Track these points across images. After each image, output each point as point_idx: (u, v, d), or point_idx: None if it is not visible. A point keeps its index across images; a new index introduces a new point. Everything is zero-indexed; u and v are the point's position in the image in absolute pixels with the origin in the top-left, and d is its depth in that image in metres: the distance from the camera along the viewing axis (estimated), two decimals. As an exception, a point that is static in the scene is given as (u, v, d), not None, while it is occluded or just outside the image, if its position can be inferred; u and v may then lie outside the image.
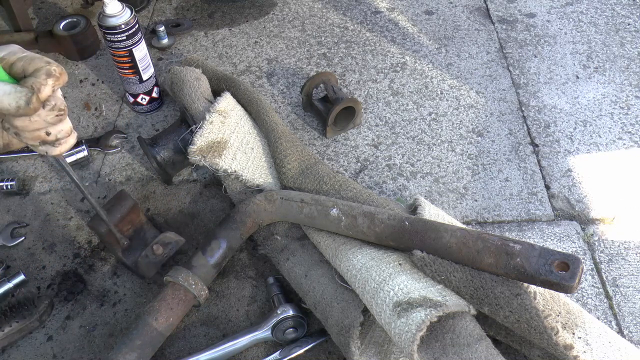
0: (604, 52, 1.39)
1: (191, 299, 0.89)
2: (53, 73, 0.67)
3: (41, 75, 0.66)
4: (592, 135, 1.21)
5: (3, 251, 1.06)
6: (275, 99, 1.32)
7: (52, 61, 0.68)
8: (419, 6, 1.56)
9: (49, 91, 0.67)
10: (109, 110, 1.33)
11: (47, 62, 0.67)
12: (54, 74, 0.67)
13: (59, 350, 0.93)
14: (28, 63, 0.67)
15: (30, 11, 1.61)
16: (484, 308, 0.78)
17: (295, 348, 0.89)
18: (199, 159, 1.03)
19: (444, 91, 1.32)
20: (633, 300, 0.94)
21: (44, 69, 0.67)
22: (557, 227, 1.05)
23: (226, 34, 1.51)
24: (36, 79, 0.66)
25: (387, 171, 1.16)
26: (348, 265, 0.86)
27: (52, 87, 0.67)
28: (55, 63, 0.68)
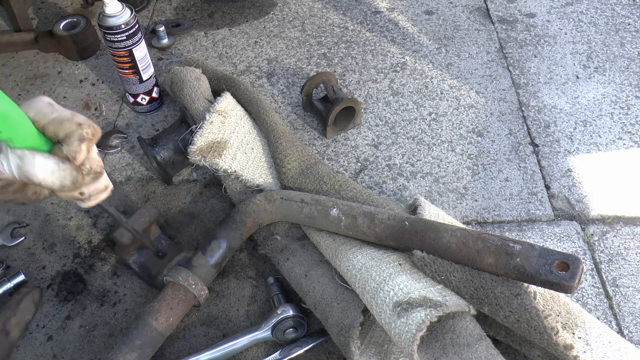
0: (604, 52, 1.39)
1: (191, 299, 0.89)
2: (86, 137, 0.63)
3: (74, 142, 0.63)
4: (592, 135, 1.21)
5: (3, 251, 1.06)
6: (275, 99, 1.32)
7: (82, 120, 0.64)
8: (419, 6, 1.56)
9: (84, 156, 0.64)
10: (109, 110, 1.33)
11: (77, 124, 0.63)
12: (86, 137, 0.63)
13: (59, 350, 0.93)
14: (59, 127, 0.62)
15: (30, 11, 1.61)
16: (484, 308, 0.78)
17: (295, 348, 0.89)
18: (199, 159, 1.03)
19: (444, 91, 1.32)
20: (633, 300, 0.94)
21: (76, 133, 0.63)
22: (557, 227, 1.05)
23: (226, 34, 1.51)
24: (69, 147, 0.62)
25: (387, 171, 1.16)
26: (348, 265, 0.86)
27: (86, 151, 0.64)
28: (86, 122, 0.64)
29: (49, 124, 0.62)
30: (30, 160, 0.61)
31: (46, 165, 0.62)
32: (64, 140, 0.63)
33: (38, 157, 0.61)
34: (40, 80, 1.41)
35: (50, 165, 0.62)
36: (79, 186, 0.66)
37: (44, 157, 0.62)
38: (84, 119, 0.64)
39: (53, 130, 0.62)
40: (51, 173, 0.62)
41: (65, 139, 0.63)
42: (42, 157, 0.62)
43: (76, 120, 0.63)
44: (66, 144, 0.63)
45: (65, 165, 0.63)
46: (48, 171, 0.62)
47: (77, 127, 0.63)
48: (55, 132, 0.62)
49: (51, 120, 0.62)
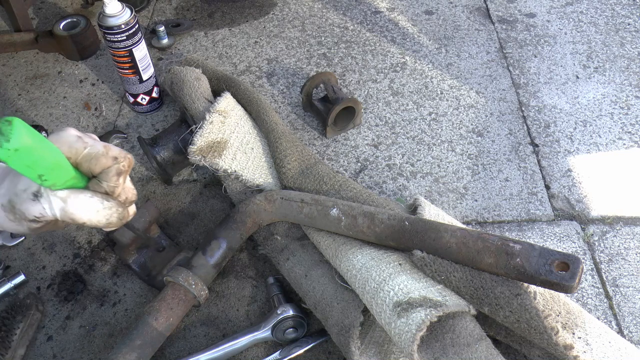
0: (604, 52, 1.39)
1: (191, 299, 0.89)
2: (122, 170, 0.62)
3: (112, 177, 0.61)
4: (592, 135, 1.21)
5: (3, 251, 1.06)
6: (275, 99, 1.32)
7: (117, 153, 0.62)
8: (419, 6, 1.56)
9: (121, 189, 0.63)
10: (109, 110, 1.33)
11: (113, 158, 0.61)
12: (123, 170, 0.62)
13: (59, 350, 0.93)
14: (95, 164, 0.60)
15: (30, 11, 1.61)
16: (484, 308, 0.78)
17: (295, 348, 0.89)
18: (199, 159, 1.03)
19: (444, 91, 1.32)
20: (633, 300, 0.94)
21: (113, 169, 0.61)
22: (557, 227, 1.05)
23: (226, 34, 1.51)
24: (108, 182, 0.61)
25: (387, 171, 1.16)
26: (348, 265, 0.86)
27: (123, 184, 0.63)
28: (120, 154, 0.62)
29: (83, 160, 0.60)
30: (74, 203, 0.59)
31: (90, 205, 0.60)
32: (101, 176, 0.61)
33: (81, 197, 0.60)
34: (40, 80, 1.41)
35: (95, 205, 0.61)
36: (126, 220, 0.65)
37: (86, 196, 0.60)
38: (118, 151, 0.62)
39: (88, 167, 0.60)
40: (96, 212, 0.61)
41: (102, 175, 0.61)
42: (86, 197, 0.60)
43: (111, 155, 0.61)
44: (104, 180, 0.61)
45: (110, 203, 0.62)
46: (93, 211, 0.61)
47: (114, 162, 0.61)
48: (91, 168, 0.61)
49: (85, 156, 0.60)
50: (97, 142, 0.61)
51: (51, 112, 1.33)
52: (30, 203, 0.59)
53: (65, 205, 0.59)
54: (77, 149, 0.59)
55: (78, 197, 0.60)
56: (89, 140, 0.61)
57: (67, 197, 0.59)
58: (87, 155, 0.60)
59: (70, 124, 1.30)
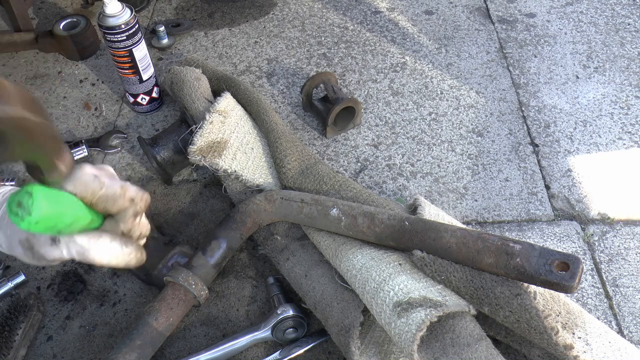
0: (604, 52, 1.39)
1: (191, 299, 0.89)
2: (139, 211, 0.62)
3: (129, 219, 0.61)
4: (592, 135, 1.21)
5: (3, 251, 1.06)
6: (275, 99, 1.32)
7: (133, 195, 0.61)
8: (419, 6, 1.56)
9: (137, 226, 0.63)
10: (109, 110, 1.33)
11: (130, 199, 0.60)
12: (140, 211, 0.62)
13: (59, 350, 0.93)
14: (112, 205, 0.60)
15: (30, 11, 1.61)
16: (484, 308, 0.78)
17: (295, 348, 0.89)
18: (199, 159, 1.03)
19: (444, 91, 1.32)
20: (633, 300, 0.94)
21: (130, 210, 0.61)
22: (557, 227, 1.05)
23: (226, 34, 1.51)
24: (125, 224, 0.61)
25: (387, 171, 1.16)
26: (348, 265, 0.86)
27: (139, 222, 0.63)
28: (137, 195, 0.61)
29: (99, 202, 0.59)
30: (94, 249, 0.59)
31: (111, 250, 0.60)
32: (118, 217, 0.61)
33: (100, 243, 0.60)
34: (40, 80, 1.41)
35: (115, 251, 0.61)
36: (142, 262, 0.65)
37: (106, 241, 0.60)
38: (135, 192, 0.61)
39: (105, 207, 0.60)
40: (116, 257, 0.61)
41: (119, 216, 0.61)
42: (105, 243, 0.60)
43: (128, 196, 0.61)
44: (121, 221, 0.61)
45: (129, 248, 0.62)
46: (113, 256, 0.61)
47: (131, 204, 0.61)
48: (107, 209, 0.60)
49: (102, 198, 0.59)
50: (114, 182, 0.61)
51: (51, 112, 1.33)
52: (48, 247, 0.59)
53: (84, 251, 0.59)
54: (94, 189, 0.59)
55: (97, 242, 0.60)
56: (106, 180, 0.60)
57: (87, 243, 0.59)
58: (103, 196, 0.59)
59: (70, 124, 1.30)
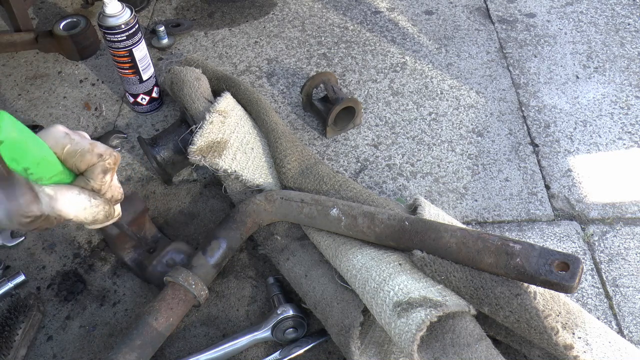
0: (604, 52, 1.39)
1: (191, 299, 0.89)
2: (108, 168, 0.62)
3: (97, 175, 0.61)
4: (592, 135, 1.21)
5: (3, 251, 1.06)
6: (275, 99, 1.32)
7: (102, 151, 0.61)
8: (419, 6, 1.56)
9: (108, 187, 0.63)
10: (109, 110, 1.33)
11: (99, 155, 0.61)
12: (109, 168, 0.62)
13: (59, 350, 0.93)
14: (80, 160, 0.60)
15: (30, 11, 1.61)
16: (484, 308, 0.78)
17: (295, 348, 0.89)
18: (199, 159, 1.03)
19: (444, 91, 1.32)
20: (633, 300, 0.94)
21: (99, 166, 0.61)
22: (557, 227, 1.05)
23: (226, 34, 1.51)
24: (94, 180, 0.61)
25: (387, 171, 1.16)
26: (348, 265, 0.86)
27: (110, 181, 0.63)
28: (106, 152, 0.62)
29: (68, 156, 0.60)
30: (62, 199, 0.59)
31: (78, 202, 0.60)
32: (87, 173, 0.61)
33: (69, 194, 0.60)
34: (40, 80, 1.41)
35: (83, 202, 0.61)
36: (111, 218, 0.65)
37: (74, 193, 0.60)
38: (104, 148, 0.62)
39: (73, 163, 0.61)
40: (83, 210, 0.61)
41: (88, 172, 0.61)
42: (73, 194, 0.60)
43: (96, 152, 0.61)
44: (90, 178, 0.61)
45: (97, 201, 0.62)
46: (80, 208, 0.61)
47: (99, 159, 0.61)
48: (76, 165, 0.61)
49: (71, 152, 0.60)
50: (84, 140, 0.61)
51: (51, 112, 1.33)
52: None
53: (52, 202, 0.59)
54: (63, 144, 0.60)
55: (65, 193, 0.60)
56: (76, 137, 0.61)
57: (55, 193, 0.59)
58: (72, 151, 0.60)
59: (70, 124, 1.30)
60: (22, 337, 0.91)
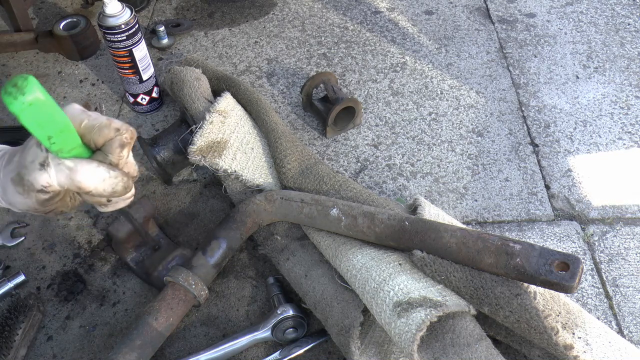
0: (604, 52, 1.39)
1: (191, 299, 0.89)
2: (125, 142, 0.62)
3: (115, 149, 0.62)
4: (592, 135, 1.21)
5: (3, 251, 1.06)
6: (275, 99, 1.32)
7: (119, 125, 0.62)
8: (419, 6, 1.56)
9: (125, 161, 0.64)
10: (109, 110, 1.33)
11: (116, 129, 0.62)
12: (126, 142, 0.62)
13: (59, 350, 0.93)
14: (98, 134, 0.61)
15: (30, 11, 1.61)
16: (484, 308, 0.78)
17: (295, 348, 0.89)
18: (199, 159, 1.03)
19: (444, 91, 1.32)
20: (633, 300, 0.94)
21: (116, 140, 0.61)
22: (557, 227, 1.05)
23: (226, 34, 1.51)
24: (112, 154, 0.62)
25: (387, 171, 1.16)
26: (348, 265, 0.86)
27: (127, 156, 0.64)
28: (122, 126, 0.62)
29: (86, 131, 0.61)
30: (81, 171, 0.60)
31: (97, 174, 0.61)
32: (104, 148, 0.62)
33: (88, 166, 0.60)
34: (40, 80, 1.41)
35: (102, 174, 0.61)
36: (129, 190, 0.65)
37: (93, 165, 0.61)
38: (120, 124, 0.62)
39: (91, 137, 0.61)
40: (102, 181, 0.61)
41: (105, 147, 0.62)
42: (92, 166, 0.61)
43: (114, 126, 0.62)
44: (107, 152, 0.62)
45: (116, 172, 0.62)
46: (100, 180, 0.61)
47: (117, 133, 0.62)
48: (94, 140, 0.61)
49: (89, 127, 0.61)
50: (101, 116, 0.62)
51: (51, 112, 1.33)
52: (37, 172, 0.60)
53: (72, 173, 0.60)
54: (81, 119, 0.61)
55: (85, 165, 0.60)
56: (93, 113, 0.62)
57: (74, 165, 0.60)
58: (90, 126, 0.61)
59: (70, 124, 1.30)
60: (22, 337, 0.91)
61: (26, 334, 0.92)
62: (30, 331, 0.93)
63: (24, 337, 0.91)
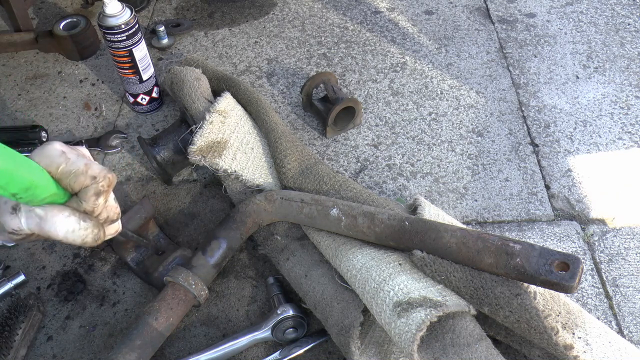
0: (604, 52, 1.39)
1: (191, 299, 0.89)
2: (102, 190, 0.61)
3: (90, 197, 0.60)
4: (592, 135, 1.21)
5: (3, 251, 1.06)
6: (275, 99, 1.32)
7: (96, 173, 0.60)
8: (419, 6, 1.56)
9: (101, 209, 0.63)
10: (109, 110, 1.33)
11: (92, 177, 0.60)
12: (102, 190, 0.61)
13: (59, 350, 0.93)
14: (73, 181, 0.60)
15: (30, 11, 1.61)
16: (484, 308, 0.78)
17: (295, 348, 0.89)
18: (199, 159, 1.03)
19: (444, 91, 1.32)
20: (633, 300, 0.94)
21: (91, 188, 0.60)
22: (557, 227, 1.05)
23: (226, 34, 1.51)
24: (87, 203, 0.61)
25: (387, 171, 1.16)
26: (348, 265, 0.86)
27: (103, 203, 0.62)
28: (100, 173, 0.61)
29: (63, 176, 0.60)
30: (51, 221, 0.59)
31: (67, 224, 0.60)
32: (80, 195, 0.61)
33: (58, 216, 0.59)
34: (40, 80, 1.41)
35: (72, 225, 0.60)
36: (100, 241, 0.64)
37: (64, 216, 0.60)
38: (99, 170, 0.61)
39: (67, 183, 0.60)
40: (72, 232, 0.61)
41: (81, 194, 0.61)
42: (63, 217, 0.60)
43: (90, 174, 0.60)
44: (83, 199, 0.61)
45: (87, 223, 0.61)
46: (69, 231, 0.60)
47: (92, 181, 0.60)
48: (70, 185, 0.60)
49: (65, 173, 0.59)
50: (80, 159, 0.60)
51: (51, 112, 1.33)
52: (8, 216, 0.59)
53: (42, 222, 0.59)
54: (58, 164, 0.59)
55: (55, 216, 0.59)
56: (72, 156, 0.60)
57: (45, 214, 0.59)
58: (66, 171, 0.59)
59: (70, 124, 1.30)
60: (22, 337, 0.91)
61: (26, 334, 0.92)
62: (30, 331, 0.93)
63: (24, 337, 0.91)
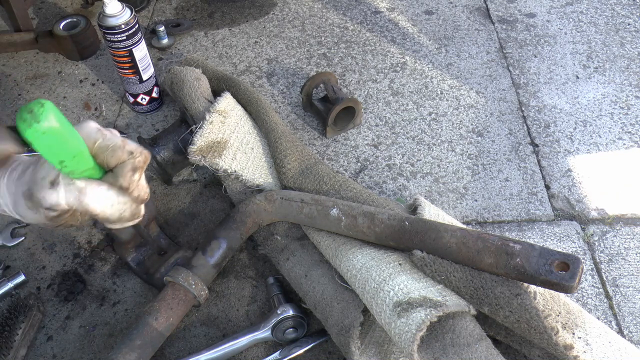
0: (604, 52, 1.39)
1: (191, 299, 0.89)
2: (138, 166, 0.61)
3: (127, 173, 0.61)
4: (592, 135, 1.21)
5: (3, 251, 1.06)
6: (275, 99, 1.32)
7: (133, 148, 0.61)
8: (419, 6, 1.56)
9: (135, 186, 0.63)
10: (109, 110, 1.33)
11: (129, 152, 0.61)
12: (138, 166, 0.61)
13: (59, 350, 0.93)
14: (110, 156, 0.60)
15: (30, 11, 1.61)
16: (484, 308, 0.78)
17: (295, 348, 0.89)
18: (199, 159, 1.03)
19: (444, 91, 1.32)
20: (633, 300, 0.94)
21: (129, 163, 0.61)
22: (557, 227, 1.05)
23: (226, 34, 1.51)
24: (123, 178, 0.61)
25: (387, 171, 1.16)
26: (348, 265, 0.86)
27: (138, 180, 0.63)
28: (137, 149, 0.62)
29: (100, 151, 0.60)
30: (90, 193, 0.59)
31: (106, 198, 0.60)
32: (116, 170, 0.61)
33: (98, 189, 0.60)
34: (40, 80, 1.41)
35: (111, 198, 0.61)
36: (137, 217, 0.64)
37: (103, 188, 0.60)
38: (135, 146, 0.62)
39: (104, 158, 0.60)
40: (111, 206, 0.61)
41: (117, 169, 0.61)
42: (102, 189, 0.60)
43: (127, 149, 0.61)
44: (119, 174, 0.61)
45: (125, 198, 0.61)
46: (108, 204, 0.61)
47: (130, 156, 0.61)
48: (107, 161, 0.60)
49: (102, 147, 0.60)
50: (116, 137, 0.61)
51: (51, 112, 1.33)
52: (47, 191, 0.59)
53: (81, 195, 0.59)
54: (95, 139, 0.60)
55: (95, 188, 0.60)
56: (108, 133, 0.61)
57: (84, 187, 0.59)
58: (103, 146, 0.60)
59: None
60: (22, 337, 0.91)
61: (26, 334, 0.92)
62: (30, 331, 0.93)
63: (24, 337, 0.91)
